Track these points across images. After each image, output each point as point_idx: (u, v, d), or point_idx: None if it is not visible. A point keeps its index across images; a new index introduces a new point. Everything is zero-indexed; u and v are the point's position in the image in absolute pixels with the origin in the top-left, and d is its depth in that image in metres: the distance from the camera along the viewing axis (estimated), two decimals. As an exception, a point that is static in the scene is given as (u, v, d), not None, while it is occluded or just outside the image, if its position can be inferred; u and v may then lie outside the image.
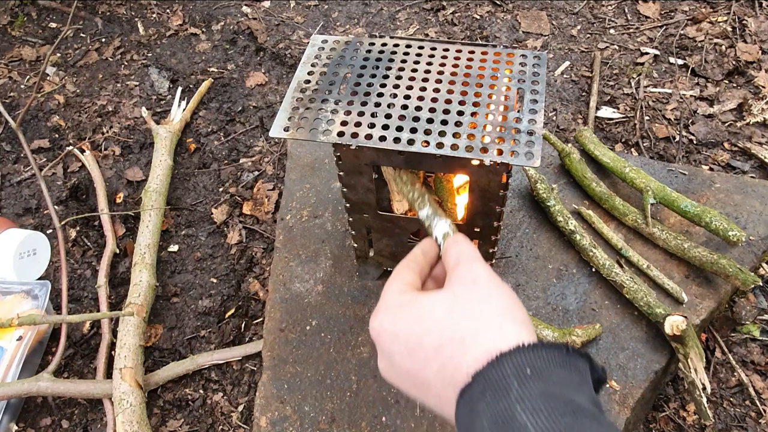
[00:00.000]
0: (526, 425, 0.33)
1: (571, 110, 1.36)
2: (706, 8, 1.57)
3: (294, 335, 0.89)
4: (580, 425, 0.33)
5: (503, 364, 0.36)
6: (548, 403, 0.34)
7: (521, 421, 0.33)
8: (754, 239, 0.94)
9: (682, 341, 0.79)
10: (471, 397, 0.37)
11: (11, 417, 0.96)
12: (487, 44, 0.70)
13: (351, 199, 0.75)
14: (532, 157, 0.56)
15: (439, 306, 0.43)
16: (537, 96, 0.63)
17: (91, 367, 1.03)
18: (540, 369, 0.36)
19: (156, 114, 1.43)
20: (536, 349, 0.37)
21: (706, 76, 1.40)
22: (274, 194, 1.25)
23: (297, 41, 1.61)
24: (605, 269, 0.89)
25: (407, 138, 0.59)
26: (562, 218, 0.94)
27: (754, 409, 0.92)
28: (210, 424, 0.96)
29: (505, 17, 1.61)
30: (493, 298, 0.43)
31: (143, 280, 1.04)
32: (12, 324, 0.92)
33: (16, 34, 1.65)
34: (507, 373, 0.36)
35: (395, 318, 0.44)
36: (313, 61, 0.69)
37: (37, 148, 1.37)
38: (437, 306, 0.43)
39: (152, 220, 1.14)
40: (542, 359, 0.36)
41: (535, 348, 0.37)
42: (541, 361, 0.36)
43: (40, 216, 1.26)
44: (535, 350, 0.37)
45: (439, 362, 0.40)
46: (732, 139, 1.27)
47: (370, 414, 0.81)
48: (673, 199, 0.92)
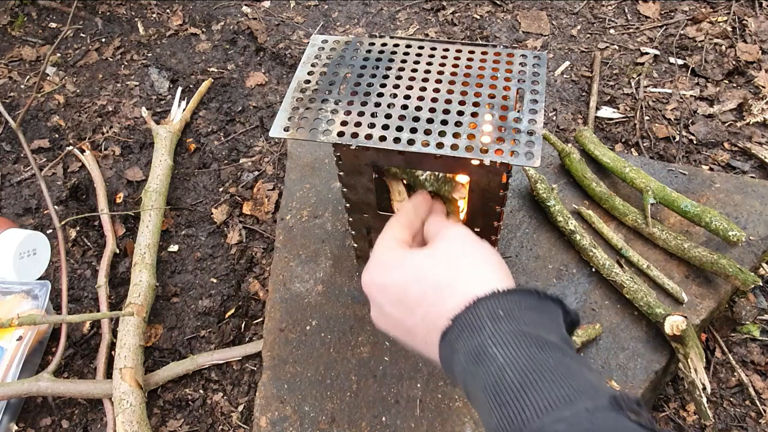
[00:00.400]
0: (496, 355, 0.37)
1: (571, 110, 1.37)
2: (706, 8, 1.57)
3: (294, 335, 0.89)
4: (544, 354, 0.37)
5: (479, 307, 0.41)
6: (516, 338, 0.38)
7: (491, 353, 0.38)
8: (754, 239, 0.94)
9: (682, 341, 0.79)
10: (450, 338, 0.41)
11: (11, 417, 0.96)
12: (487, 44, 0.70)
13: (351, 199, 0.75)
14: (532, 157, 0.56)
15: (422, 260, 0.47)
16: (537, 96, 0.63)
17: (91, 367, 1.03)
18: (511, 311, 0.40)
19: (156, 114, 1.44)
20: (510, 294, 0.42)
21: (706, 76, 1.40)
22: (274, 194, 1.25)
23: (297, 41, 1.61)
24: (605, 269, 0.89)
25: (407, 138, 0.59)
26: (562, 218, 0.94)
27: (754, 409, 0.92)
28: (210, 424, 0.96)
29: (505, 17, 1.61)
30: (472, 252, 0.47)
31: (143, 280, 1.04)
32: (12, 324, 0.92)
33: (16, 34, 1.65)
34: (482, 314, 0.40)
35: (385, 272, 0.49)
36: (313, 61, 0.69)
37: (37, 148, 1.37)
38: (421, 260, 0.47)
39: (152, 220, 1.14)
40: (514, 303, 0.41)
41: (509, 293, 0.42)
42: (513, 304, 0.41)
43: (40, 216, 1.26)
44: (508, 295, 0.41)
45: (423, 310, 0.45)
46: (732, 139, 1.27)
47: (370, 414, 0.81)
48: (673, 199, 0.92)
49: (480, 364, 0.38)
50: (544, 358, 0.37)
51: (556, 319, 0.42)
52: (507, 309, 0.40)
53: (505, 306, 0.40)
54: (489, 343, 0.38)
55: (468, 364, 0.39)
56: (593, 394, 0.34)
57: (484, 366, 0.38)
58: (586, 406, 0.33)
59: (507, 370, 0.36)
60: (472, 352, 0.39)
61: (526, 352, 0.37)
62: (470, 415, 0.79)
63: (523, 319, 0.40)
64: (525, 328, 0.39)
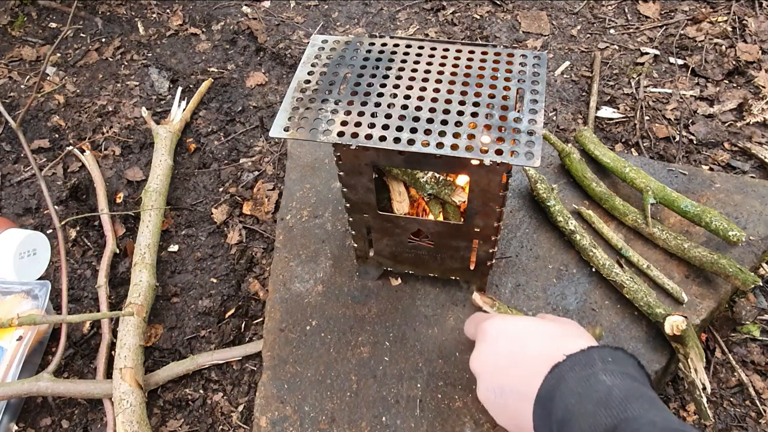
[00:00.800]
0: (605, 380, 0.47)
1: (571, 110, 1.36)
2: (706, 8, 1.57)
3: (294, 335, 0.89)
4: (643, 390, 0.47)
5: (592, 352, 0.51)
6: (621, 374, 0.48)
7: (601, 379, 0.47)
8: (754, 239, 0.94)
9: (682, 341, 0.79)
10: (560, 370, 0.51)
11: (11, 417, 0.96)
12: (487, 44, 0.70)
13: (351, 199, 0.75)
14: (532, 157, 0.56)
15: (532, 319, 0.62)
16: (537, 96, 0.63)
17: (91, 367, 1.03)
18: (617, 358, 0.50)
19: (156, 114, 1.44)
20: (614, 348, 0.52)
21: (706, 76, 1.40)
22: (274, 194, 1.25)
23: (297, 41, 1.61)
24: (605, 269, 0.89)
25: (407, 138, 0.59)
26: (562, 218, 0.94)
27: (754, 409, 0.92)
28: (210, 424, 0.96)
29: (505, 17, 1.61)
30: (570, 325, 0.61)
31: (143, 280, 1.04)
32: (12, 324, 0.92)
33: (16, 34, 1.65)
34: (593, 356, 0.50)
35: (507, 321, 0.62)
36: (313, 61, 0.69)
37: (37, 148, 1.37)
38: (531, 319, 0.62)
39: (152, 220, 1.14)
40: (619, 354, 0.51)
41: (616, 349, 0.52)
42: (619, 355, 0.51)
43: (40, 216, 1.26)
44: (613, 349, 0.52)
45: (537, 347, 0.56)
46: (732, 139, 1.27)
47: (370, 414, 0.81)
48: (673, 199, 0.92)
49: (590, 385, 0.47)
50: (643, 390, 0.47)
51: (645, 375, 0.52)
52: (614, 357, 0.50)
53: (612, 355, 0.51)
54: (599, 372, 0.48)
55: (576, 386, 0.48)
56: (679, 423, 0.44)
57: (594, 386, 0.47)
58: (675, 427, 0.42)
59: (614, 389, 0.46)
60: (582, 378, 0.48)
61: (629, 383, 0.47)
62: (470, 415, 0.79)
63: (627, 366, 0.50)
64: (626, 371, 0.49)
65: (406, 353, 0.85)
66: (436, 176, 0.79)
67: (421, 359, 0.85)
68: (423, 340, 0.86)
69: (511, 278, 0.92)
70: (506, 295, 0.91)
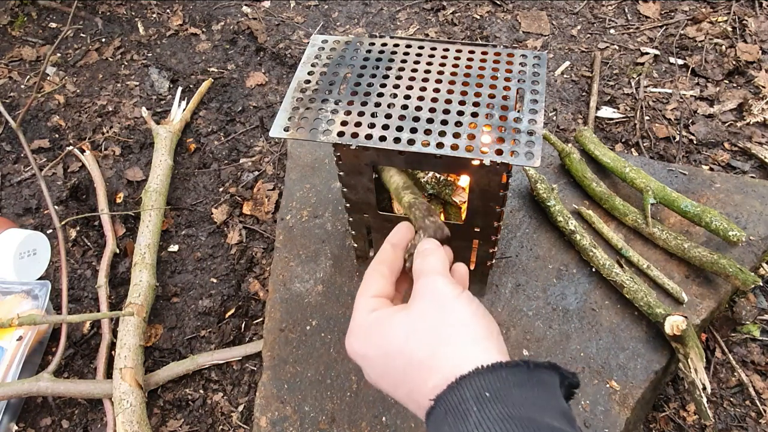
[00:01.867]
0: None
1: (571, 110, 1.36)
2: (706, 8, 1.57)
3: (294, 335, 0.89)
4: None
5: (462, 387, 0.37)
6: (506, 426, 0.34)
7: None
8: (754, 239, 0.94)
9: (683, 341, 0.79)
10: (436, 420, 0.38)
11: (11, 417, 0.96)
12: (487, 44, 0.70)
13: (351, 199, 0.75)
14: (532, 157, 0.56)
15: (399, 329, 0.43)
16: (537, 96, 0.63)
17: (91, 367, 1.03)
18: (498, 391, 0.36)
19: (156, 114, 1.44)
20: (495, 370, 0.37)
21: (706, 76, 1.40)
22: (274, 194, 1.25)
23: (297, 41, 1.61)
24: (605, 269, 0.89)
25: (407, 138, 0.59)
26: (562, 218, 0.94)
27: (754, 409, 0.92)
28: (210, 424, 0.96)
29: (505, 17, 1.61)
30: (453, 316, 0.42)
31: (143, 280, 1.04)
32: (12, 324, 0.92)
33: (16, 34, 1.65)
34: (466, 396, 0.36)
35: (364, 341, 0.45)
36: (313, 61, 0.69)
37: (37, 148, 1.37)
38: (398, 330, 0.43)
39: (152, 220, 1.14)
40: (501, 380, 0.37)
41: (495, 369, 0.37)
42: (501, 382, 0.37)
43: (40, 216, 1.26)
44: (494, 371, 0.37)
45: (407, 386, 0.42)
46: (732, 139, 1.27)
47: (370, 414, 0.81)
48: (673, 199, 0.92)
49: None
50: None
51: (552, 391, 0.39)
52: (494, 389, 0.36)
53: (491, 386, 0.37)
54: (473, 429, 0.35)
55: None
56: None
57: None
58: None
59: None
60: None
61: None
62: (470, 415, 0.79)
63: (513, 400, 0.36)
64: (515, 411, 0.35)
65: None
66: (437, 176, 0.79)
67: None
68: (423, 340, 0.86)
69: (511, 278, 0.92)
70: (506, 295, 0.91)
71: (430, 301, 0.44)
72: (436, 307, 0.43)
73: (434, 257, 0.48)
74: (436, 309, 0.43)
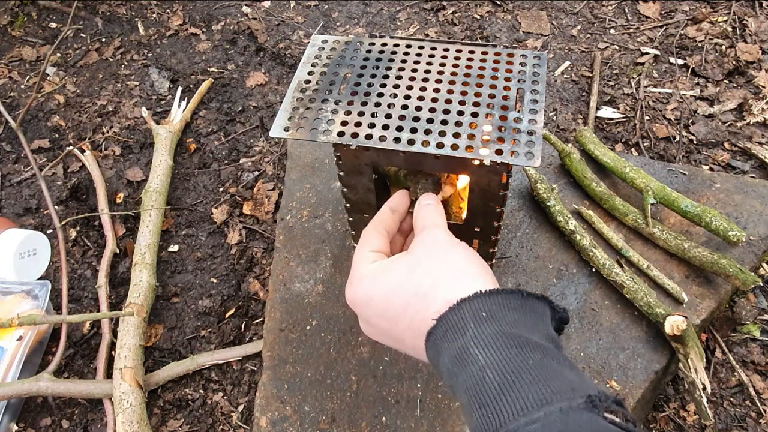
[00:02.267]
0: (477, 357, 0.38)
1: (571, 110, 1.36)
2: (706, 8, 1.57)
3: (294, 335, 0.89)
4: (524, 355, 0.37)
5: (462, 308, 0.41)
6: (498, 339, 0.38)
7: (473, 354, 0.38)
8: (754, 239, 0.94)
9: (683, 341, 0.79)
10: (435, 339, 0.42)
11: (11, 417, 0.96)
12: (487, 44, 0.70)
13: (351, 199, 0.75)
14: (532, 157, 0.56)
15: (403, 269, 0.47)
16: (537, 96, 0.63)
17: (91, 367, 1.03)
18: (494, 312, 0.41)
19: (156, 114, 1.44)
20: (493, 294, 0.42)
21: (706, 76, 1.40)
22: (274, 194, 1.25)
23: (297, 41, 1.61)
24: (605, 269, 0.89)
25: (407, 138, 0.59)
26: (562, 218, 0.94)
27: (754, 409, 0.92)
28: (210, 424, 0.96)
29: (505, 17, 1.61)
30: (452, 257, 0.47)
31: (143, 280, 1.04)
32: (12, 324, 0.92)
33: (16, 34, 1.65)
34: (465, 316, 0.41)
35: (367, 285, 0.50)
36: (313, 61, 0.69)
37: (37, 148, 1.37)
38: (401, 269, 0.47)
39: (152, 220, 1.14)
40: (497, 303, 0.41)
41: (492, 294, 0.42)
42: (496, 305, 0.41)
43: (40, 216, 1.26)
44: (491, 296, 0.42)
45: (407, 317, 0.45)
46: (732, 139, 1.27)
47: (371, 414, 0.81)
48: (673, 199, 0.92)
49: (462, 366, 0.39)
50: (523, 359, 0.37)
51: (542, 318, 0.43)
52: (490, 310, 0.41)
53: (488, 307, 0.41)
54: (471, 344, 0.39)
55: (452, 366, 0.40)
56: (570, 394, 0.35)
57: (467, 367, 0.38)
58: (561, 407, 0.34)
59: (487, 371, 0.37)
60: (455, 354, 0.40)
61: (506, 354, 0.37)
62: (470, 415, 0.79)
63: (506, 320, 0.40)
64: (507, 329, 0.39)
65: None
66: None
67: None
68: (423, 340, 0.86)
69: (511, 278, 0.92)
70: (506, 295, 0.90)
71: (431, 246, 0.49)
72: (438, 250, 0.48)
73: (435, 213, 0.54)
74: (437, 251, 0.48)
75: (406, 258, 0.49)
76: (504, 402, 0.35)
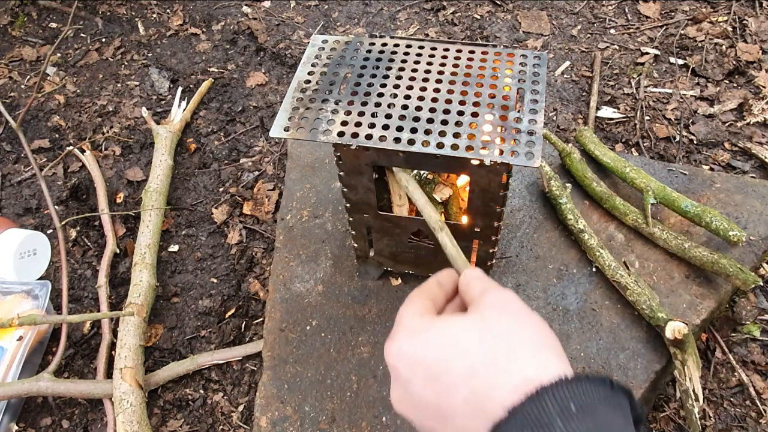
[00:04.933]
0: None
1: (571, 110, 1.36)
2: (707, 8, 1.57)
3: (294, 335, 0.89)
4: None
5: (545, 398, 0.33)
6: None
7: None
8: (754, 239, 0.94)
9: (682, 347, 0.79)
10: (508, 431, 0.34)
11: (12, 417, 0.96)
12: (487, 44, 0.70)
13: (351, 199, 0.75)
14: (533, 157, 0.56)
15: (468, 329, 0.39)
16: (537, 96, 0.62)
17: (92, 367, 1.03)
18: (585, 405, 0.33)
19: (156, 114, 1.44)
20: (580, 382, 0.34)
21: (707, 76, 1.40)
22: (275, 194, 1.25)
23: (297, 41, 1.61)
24: (610, 270, 0.89)
25: (407, 138, 0.59)
26: (572, 216, 0.94)
27: (755, 409, 0.92)
28: (210, 424, 0.96)
29: (506, 17, 1.61)
30: (528, 324, 0.40)
31: (143, 280, 1.04)
32: (12, 324, 0.92)
33: (16, 34, 1.65)
34: (549, 409, 0.33)
35: (417, 341, 0.40)
36: (313, 61, 0.69)
37: (38, 148, 1.37)
38: (467, 329, 0.39)
39: (152, 220, 1.14)
40: (587, 394, 0.34)
41: (579, 381, 0.34)
42: (586, 396, 0.34)
43: (40, 216, 1.26)
44: (578, 384, 0.34)
45: (468, 389, 0.36)
46: (732, 139, 1.27)
47: (371, 414, 0.81)
48: (674, 199, 0.92)
49: None
50: None
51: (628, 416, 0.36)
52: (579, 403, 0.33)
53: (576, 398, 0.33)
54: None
55: None
56: None
57: None
58: None
59: None
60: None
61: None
62: (470, 415, 0.79)
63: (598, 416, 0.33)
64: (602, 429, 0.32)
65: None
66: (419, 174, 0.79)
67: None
68: (423, 340, 0.86)
69: (512, 278, 0.92)
70: (506, 295, 0.90)
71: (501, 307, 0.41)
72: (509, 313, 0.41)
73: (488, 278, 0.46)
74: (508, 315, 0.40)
75: (473, 317, 0.40)
76: None
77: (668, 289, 0.90)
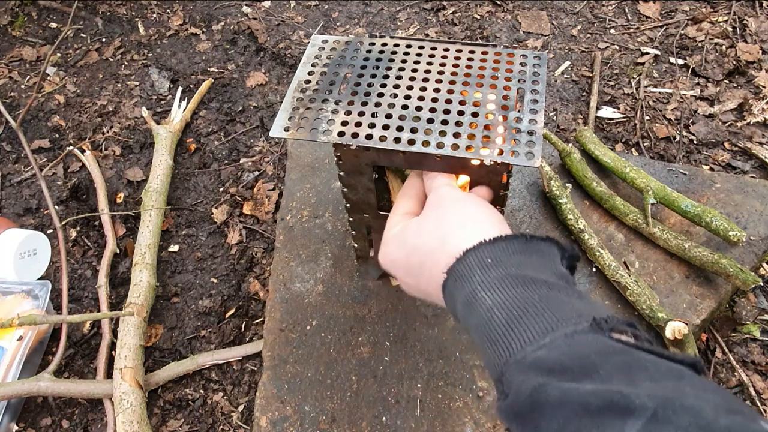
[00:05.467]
0: (485, 299, 0.41)
1: (571, 110, 1.36)
2: (707, 8, 1.57)
3: (294, 335, 0.89)
4: (529, 292, 0.40)
5: (468, 258, 0.44)
6: (503, 281, 0.41)
7: (480, 297, 0.41)
8: (754, 239, 0.94)
9: (682, 347, 0.79)
10: (449, 290, 0.46)
11: (11, 417, 0.96)
12: (487, 44, 0.70)
13: (351, 199, 0.75)
14: (533, 157, 0.56)
15: (414, 230, 0.52)
16: (537, 96, 0.62)
17: (92, 367, 1.03)
18: (498, 257, 0.43)
19: (156, 114, 1.44)
20: (495, 242, 0.44)
21: (707, 76, 1.40)
22: (275, 194, 1.25)
23: (297, 41, 1.61)
24: (611, 270, 0.89)
25: (408, 138, 0.59)
26: (572, 216, 0.94)
27: (755, 409, 0.92)
28: (210, 424, 0.96)
29: (506, 17, 1.61)
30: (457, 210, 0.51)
31: (143, 280, 1.04)
32: (12, 324, 0.92)
33: (16, 34, 1.65)
34: (471, 264, 0.44)
35: (391, 249, 0.55)
36: (313, 61, 0.69)
37: (38, 148, 1.37)
38: (413, 231, 0.52)
39: (152, 220, 1.14)
40: (501, 249, 0.44)
41: (495, 241, 0.44)
42: (500, 251, 0.44)
43: (40, 216, 1.26)
44: (495, 243, 0.44)
45: (426, 274, 0.50)
46: (732, 139, 1.27)
47: (371, 414, 0.81)
48: (674, 199, 0.92)
49: (472, 309, 0.42)
50: (528, 296, 0.39)
51: (550, 258, 0.45)
52: (494, 256, 0.43)
53: (492, 254, 0.43)
54: (478, 288, 0.42)
55: (464, 311, 0.43)
56: (576, 319, 0.37)
57: (476, 310, 0.41)
58: (566, 332, 0.36)
59: (495, 310, 0.40)
60: (465, 300, 0.43)
61: (512, 292, 0.40)
62: (470, 415, 0.79)
63: (511, 263, 0.43)
64: (512, 271, 0.42)
65: (407, 353, 0.85)
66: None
67: (422, 359, 0.85)
68: (423, 340, 0.86)
69: (512, 278, 0.92)
70: (506, 295, 0.90)
71: (436, 204, 0.53)
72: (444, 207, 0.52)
73: (440, 176, 0.58)
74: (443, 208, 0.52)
75: (416, 220, 0.53)
76: (512, 335, 0.38)
77: (668, 289, 0.90)
